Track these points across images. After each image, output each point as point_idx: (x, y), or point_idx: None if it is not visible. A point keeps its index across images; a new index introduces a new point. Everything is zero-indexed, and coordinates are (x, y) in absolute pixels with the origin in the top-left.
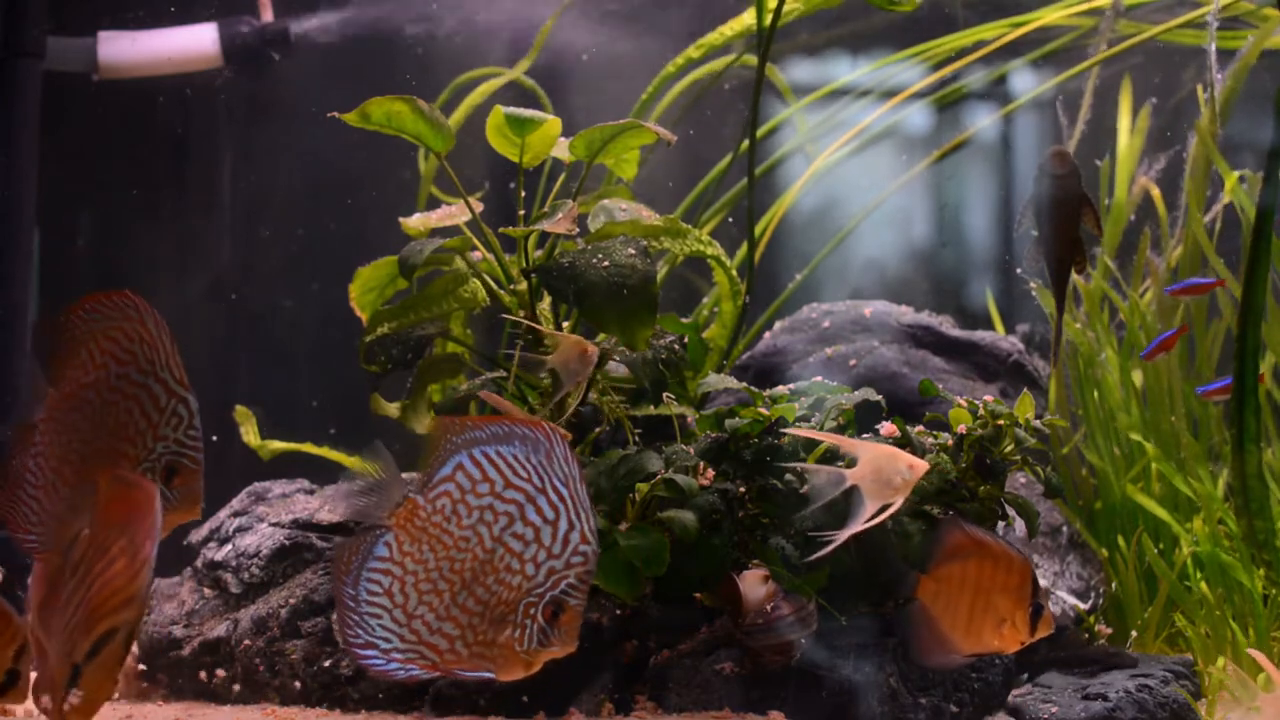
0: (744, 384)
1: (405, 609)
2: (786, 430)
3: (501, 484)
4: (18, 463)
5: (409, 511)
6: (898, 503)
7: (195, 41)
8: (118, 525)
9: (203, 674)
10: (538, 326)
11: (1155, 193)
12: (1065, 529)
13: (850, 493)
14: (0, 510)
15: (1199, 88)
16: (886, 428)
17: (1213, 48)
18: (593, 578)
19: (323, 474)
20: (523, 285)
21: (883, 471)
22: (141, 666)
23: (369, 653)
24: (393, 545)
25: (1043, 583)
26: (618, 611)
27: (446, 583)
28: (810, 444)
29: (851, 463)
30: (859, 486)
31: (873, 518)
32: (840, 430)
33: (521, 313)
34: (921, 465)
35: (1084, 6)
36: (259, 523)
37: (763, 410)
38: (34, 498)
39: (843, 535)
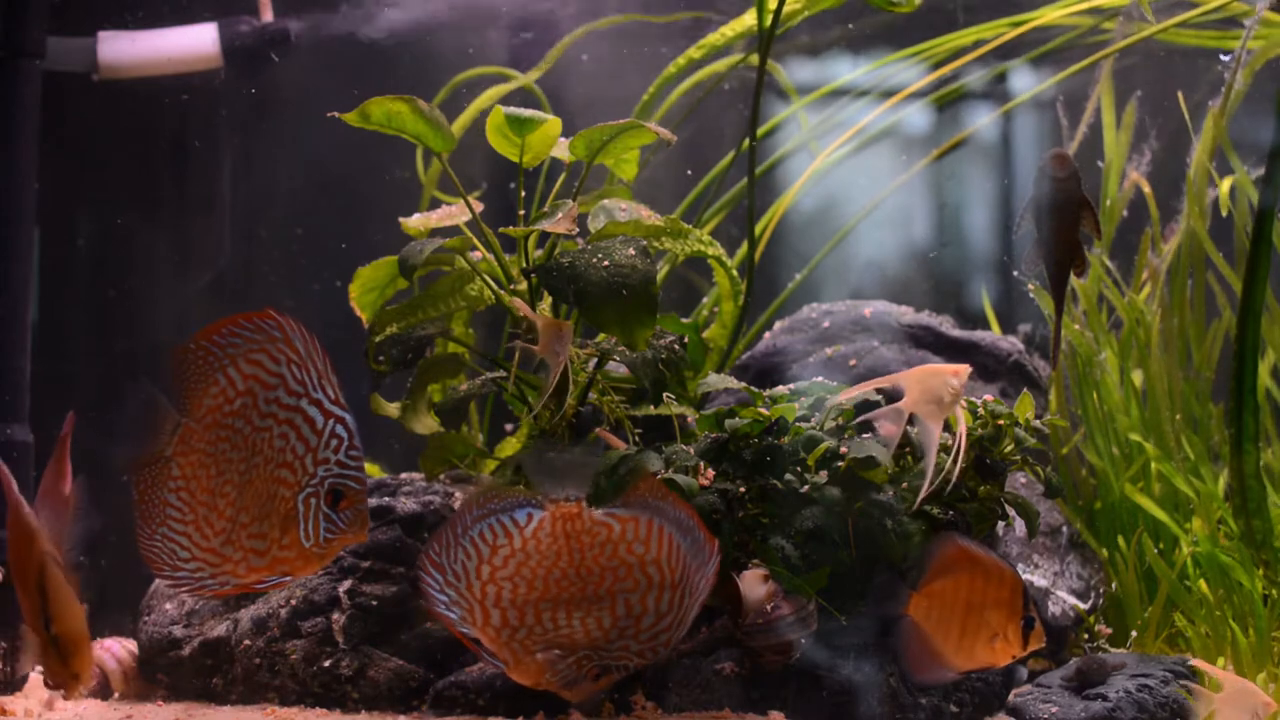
0: (744, 384)
1: (494, 571)
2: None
3: (651, 558)
4: (152, 499)
5: (570, 512)
6: (960, 415)
7: (195, 41)
8: None
9: (203, 674)
10: (524, 308)
11: (1146, 188)
12: (1065, 529)
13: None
14: (142, 550)
15: (1180, 92)
16: (885, 427)
17: (1242, 45)
18: None
19: None
20: (523, 285)
21: (931, 390)
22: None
23: (434, 575)
24: (531, 520)
25: (1043, 583)
26: None
27: (543, 585)
28: (810, 444)
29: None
30: (916, 414)
31: (955, 446)
32: (839, 431)
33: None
34: (963, 369)
35: (1083, 6)
36: None
37: (763, 410)
38: (184, 534)
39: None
